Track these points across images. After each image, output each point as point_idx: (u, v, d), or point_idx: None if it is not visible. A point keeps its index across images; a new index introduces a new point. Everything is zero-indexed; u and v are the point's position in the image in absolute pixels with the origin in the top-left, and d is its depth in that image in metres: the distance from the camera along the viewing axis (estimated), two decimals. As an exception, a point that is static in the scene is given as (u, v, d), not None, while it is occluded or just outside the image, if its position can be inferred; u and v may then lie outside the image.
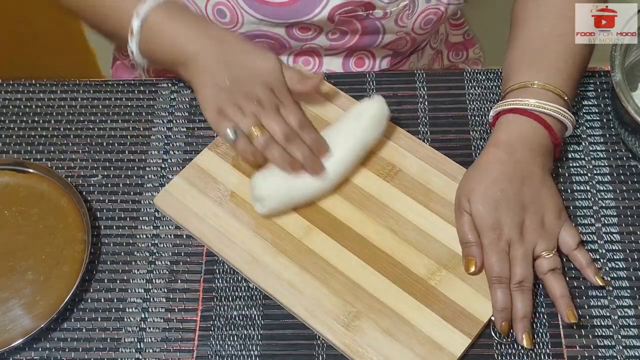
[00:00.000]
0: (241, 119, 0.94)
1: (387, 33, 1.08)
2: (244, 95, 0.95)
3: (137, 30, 0.97)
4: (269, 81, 0.96)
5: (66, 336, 0.90)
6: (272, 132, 0.94)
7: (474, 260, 0.89)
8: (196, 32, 0.97)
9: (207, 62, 0.96)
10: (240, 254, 0.92)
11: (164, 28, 0.97)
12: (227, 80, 0.95)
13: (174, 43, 0.97)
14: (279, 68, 0.97)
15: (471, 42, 1.34)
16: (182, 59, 0.97)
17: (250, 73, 0.96)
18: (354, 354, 0.86)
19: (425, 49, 1.22)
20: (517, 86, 0.95)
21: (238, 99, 0.95)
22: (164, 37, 0.97)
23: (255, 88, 0.95)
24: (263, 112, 0.94)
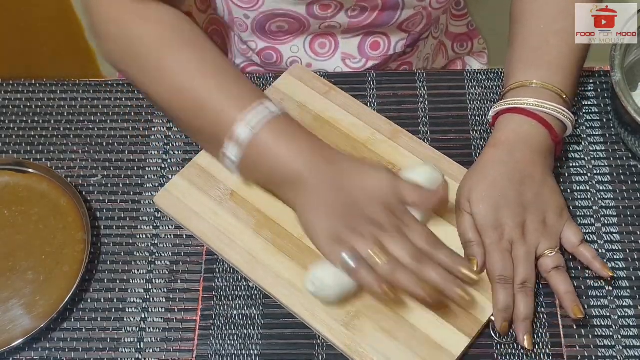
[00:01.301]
0: (360, 242, 0.85)
1: (406, 8, 1.07)
2: (361, 219, 0.87)
3: (244, 140, 0.88)
4: (387, 200, 0.88)
5: (66, 336, 0.90)
6: (397, 255, 0.85)
7: (476, 260, 0.89)
8: (307, 152, 0.89)
9: (319, 187, 0.88)
10: (241, 253, 0.92)
11: (275, 146, 0.88)
12: (341, 205, 0.87)
13: (285, 163, 0.89)
14: (395, 184, 0.88)
15: (475, 33, 1.34)
16: (289, 181, 0.89)
17: (366, 195, 0.88)
18: (354, 353, 0.86)
19: (429, 38, 1.22)
20: (516, 85, 0.95)
21: (355, 224, 0.86)
22: (275, 154, 0.89)
23: (373, 210, 0.87)
24: (384, 234, 0.86)
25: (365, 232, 0.86)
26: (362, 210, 0.87)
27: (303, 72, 1.05)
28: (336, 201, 0.87)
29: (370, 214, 0.87)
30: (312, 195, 0.88)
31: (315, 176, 0.88)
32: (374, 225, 0.86)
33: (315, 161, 0.89)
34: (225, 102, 0.90)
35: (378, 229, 0.86)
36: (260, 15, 1.06)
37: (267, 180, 0.93)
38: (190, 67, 0.93)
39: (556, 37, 0.97)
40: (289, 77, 1.05)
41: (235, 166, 0.91)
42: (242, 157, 0.89)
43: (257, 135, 0.88)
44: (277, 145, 0.88)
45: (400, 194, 0.88)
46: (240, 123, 0.88)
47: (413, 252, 0.85)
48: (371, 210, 0.87)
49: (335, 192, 0.88)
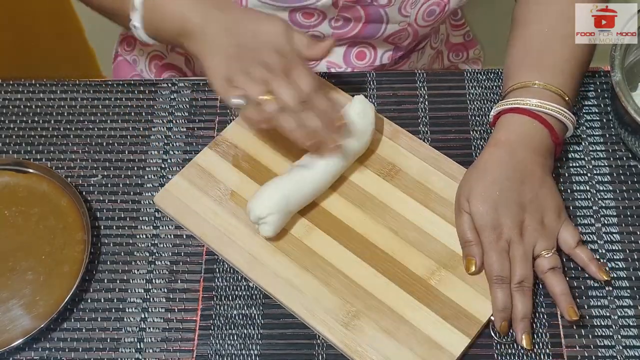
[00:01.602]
0: (250, 86, 0.89)
1: (390, 22, 1.07)
2: (253, 62, 0.91)
3: (139, 5, 0.95)
4: (278, 46, 0.92)
5: (66, 336, 0.90)
6: (283, 97, 0.88)
7: (474, 260, 0.89)
8: (201, 3, 0.94)
9: (213, 32, 0.93)
10: (240, 253, 0.92)
11: (167, 2, 0.94)
12: (233, 47, 0.92)
13: (178, 15, 0.94)
14: (286, 31, 0.92)
15: (472, 43, 1.34)
16: (187, 31, 0.94)
17: (257, 39, 0.92)
18: (354, 353, 0.86)
19: (426, 49, 1.22)
20: (518, 86, 0.95)
21: (246, 66, 0.91)
22: (167, 9, 0.94)
23: (263, 53, 0.91)
24: (273, 77, 0.89)
25: (256, 75, 0.90)
26: (254, 53, 0.91)
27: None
28: (230, 45, 0.92)
29: (262, 57, 0.91)
30: (208, 42, 0.93)
31: (211, 24, 0.93)
32: (265, 67, 0.90)
33: (209, 10, 0.94)
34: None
35: (268, 72, 0.90)
36: None
37: (169, 35, 0.97)
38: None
39: (560, 40, 0.98)
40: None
41: (142, 32, 0.97)
42: (142, 21, 0.96)
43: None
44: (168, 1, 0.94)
45: (291, 40, 0.92)
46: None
47: (297, 97, 0.88)
48: (263, 53, 0.91)
49: (230, 37, 0.93)
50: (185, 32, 0.94)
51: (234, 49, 0.92)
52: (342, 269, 0.90)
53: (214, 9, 0.94)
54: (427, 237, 0.92)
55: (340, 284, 0.90)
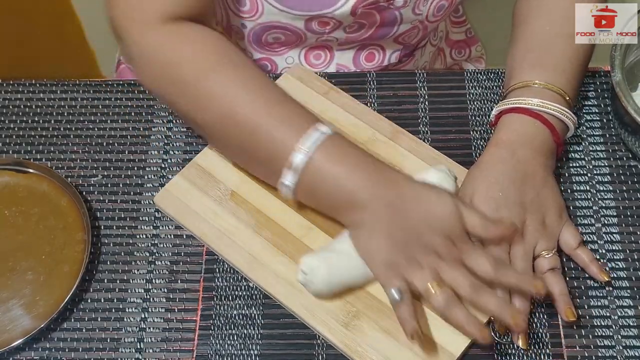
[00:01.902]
0: (417, 272, 0.84)
1: (403, 23, 1.07)
2: (421, 248, 0.84)
3: (300, 166, 0.85)
4: (449, 230, 0.84)
5: (66, 336, 0.90)
6: (455, 285, 0.83)
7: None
8: (369, 176, 0.86)
9: (379, 211, 0.85)
10: (240, 253, 0.92)
11: (331, 171, 0.85)
12: (401, 232, 0.84)
13: (343, 186, 0.86)
14: (457, 213, 0.85)
15: (473, 40, 1.34)
16: (349, 205, 0.86)
17: (427, 222, 0.84)
18: (354, 353, 0.86)
19: (427, 46, 1.22)
20: (519, 85, 0.95)
21: (414, 252, 0.84)
22: (332, 178, 0.86)
23: (433, 238, 0.84)
24: (444, 264, 0.84)
25: (423, 262, 0.84)
26: (422, 238, 0.84)
27: (303, 72, 1.05)
28: (395, 227, 0.85)
29: (430, 242, 0.84)
30: (370, 219, 0.85)
31: (375, 199, 0.85)
32: (433, 254, 0.84)
33: (373, 184, 0.85)
34: (278, 128, 0.87)
35: (437, 258, 0.84)
36: (257, 26, 1.06)
37: (325, 205, 0.90)
38: (237, 91, 0.88)
39: (561, 39, 0.97)
40: (289, 77, 1.05)
41: (291, 192, 0.88)
42: (298, 183, 0.87)
43: (312, 159, 0.85)
44: (334, 168, 0.86)
45: (464, 224, 0.85)
46: (296, 151, 0.85)
47: (472, 281, 0.83)
48: (431, 239, 0.84)
49: (395, 217, 0.85)
50: (346, 204, 0.87)
51: (399, 232, 0.85)
52: (342, 268, 0.90)
53: (381, 184, 0.86)
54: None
55: (341, 284, 0.90)
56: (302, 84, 1.04)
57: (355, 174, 0.85)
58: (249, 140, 0.88)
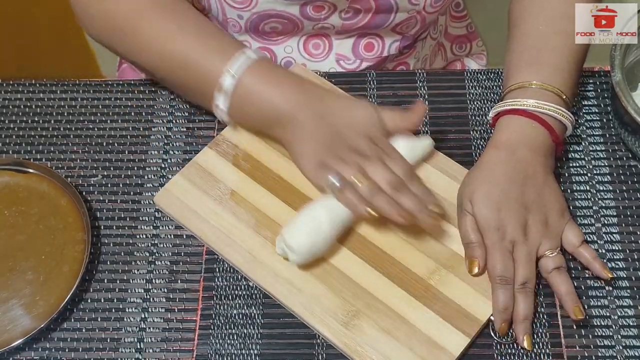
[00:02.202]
0: (344, 168, 0.91)
1: (400, 11, 1.07)
2: (346, 149, 0.92)
3: (228, 88, 0.94)
4: (370, 132, 0.94)
5: (66, 336, 0.90)
6: (377, 180, 0.90)
7: (477, 261, 0.89)
8: (292, 90, 0.94)
9: (306, 121, 0.93)
10: (240, 252, 0.92)
11: (259, 87, 0.94)
12: (327, 136, 0.93)
13: (270, 102, 0.94)
14: (377, 116, 0.94)
15: (474, 35, 1.34)
16: (277, 119, 0.94)
17: (350, 126, 0.94)
18: (353, 352, 0.86)
19: (427, 39, 1.22)
20: (516, 86, 0.95)
21: (339, 153, 0.92)
22: (259, 98, 0.94)
23: (356, 140, 0.93)
24: (367, 161, 0.91)
25: (348, 159, 0.91)
26: (346, 140, 0.92)
27: (303, 72, 1.05)
28: (322, 133, 0.93)
29: (354, 144, 0.92)
30: (299, 129, 0.93)
31: (301, 111, 0.93)
32: (357, 154, 0.91)
33: (299, 97, 0.94)
34: (207, 56, 0.95)
35: (361, 157, 0.91)
36: (253, 16, 1.06)
37: (257, 122, 0.97)
38: (170, 30, 0.97)
39: (556, 38, 0.97)
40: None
41: (225, 114, 0.96)
42: (230, 105, 0.95)
43: (240, 81, 0.93)
44: (261, 87, 0.94)
45: (382, 124, 0.94)
46: (224, 74, 0.93)
47: (392, 179, 0.90)
48: (355, 141, 0.92)
49: (321, 125, 0.93)
50: (276, 121, 0.95)
51: (326, 136, 0.93)
52: (342, 268, 0.90)
53: (306, 96, 0.94)
54: (427, 237, 0.92)
55: (340, 283, 0.90)
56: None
57: (282, 90, 0.94)
58: (184, 71, 0.97)
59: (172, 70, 0.98)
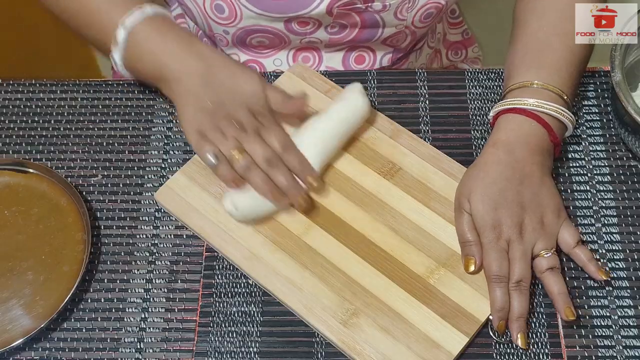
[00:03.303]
0: (222, 142, 0.93)
1: (387, 27, 1.07)
2: (226, 118, 0.94)
3: (122, 42, 0.96)
4: (252, 104, 0.95)
5: (66, 336, 0.91)
6: (253, 155, 0.92)
7: (474, 260, 0.89)
8: (182, 50, 0.96)
9: (191, 83, 0.95)
10: (240, 250, 0.92)
11: (150, 43, 0.96)
12: (209, 103, 0.94)
13: (159, 60, 0.96)
14: (261, 90, 0.96)
15: (470, 41, 1.34)
16: (165, 77, 0.96)
17: (233, 96, 0.95)
18: (352, 350, 0.86)
19: (423, 48, 1.22)
20: (516, 86, 0.95)
21: (220, 122, 0.94)
22: (149, 52, 0.96)
23: (237, 111, 0.95)
24: (245, 135, 0.93)
25: (228, 132, 0.93)
26: (228, 109, 0.94)
27: (304, 70, 1.05)
28: (205, 98, 0.94)
29: (235, 114, 0.94)
30: (185, 93, 0.95)
31: (187, 72, 0.95)
32: (237, 125, 0.94)
33: (186, 56, 0.95)
34: (108, 8, 0.97)
35: (240, 129, 0.93)
36: (239, 31, 1.06)
37: (148, 77, 0.99)
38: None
39: (558, 39, 0.97)
40: (291, 75, 1.05)
41: (121, 67, 0.98)
42: (123, 58, 0.97)
43: (132, 34, 0.95)
44: (151, 43, 0.95)
45: (266, 98, 0.96)
46: (119, 27, 0.95)
47: (267, 154, 0.92)
48: (236, 110, 0.94)
49: (205, 89, 0.94)
50: (162, 78, 0.96)
51: (209, 102, 0.94)
52: (341, 267, 0.91)
53: (194, 57, 0.96)
54: (426, 236, 0.92)
55: (339, 282, 0.90)
56: (304, 82, 1.04)
57: (170, 47, 0.95)
58: (88, 23, 1.00)
59: (79, 21, 1.01)
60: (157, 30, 0.96)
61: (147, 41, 0.95)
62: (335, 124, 0.96)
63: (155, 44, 0.95)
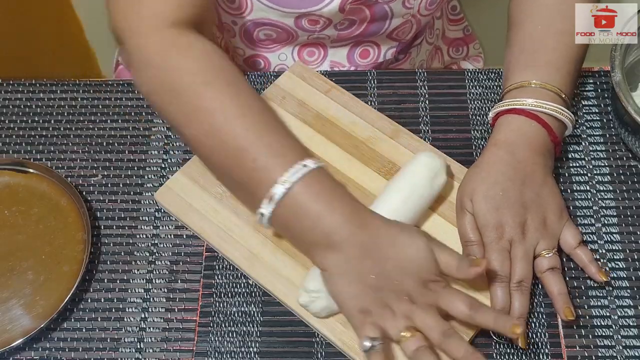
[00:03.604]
0: (390, 320, 0.83)
1: (395, 17, 1.07)
2: (393, 293, 0.84)
3: (278, 199, 0.83)
4: (422, 274, 0.84)
5: (66, 336, 0.91)
6: (427, 332, 0.82)
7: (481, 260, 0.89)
8: (343, 217, 0.84)
9: (353, 254, 0.83)
10: (240, 250, 0.92)
11: (309, 206, 0.83)
12: (374, 276, 0.83)
13: (318, 225, 0.84)
14: (432, 257, 0.84)
15: (471, 37, 1.34)
16: (320, 243, 0.84)
17: (400, 267, 0.84)
18: (351, 350, 0.86)
19: (423, 44, 1.22)
20: (515, 86, 0.95)
21: (387, 298, 0.83)
22: (307, 216, 0.84)
23: (406, 284, 0.84)
24: (416, 310, 0.83)
25: (395, 308, 0.83)
26: (394, 284, 0.84)
27: (304, 70, 1.05)
28: (368, 272, 0.83)
29: (403, 288, 0.84)
30: (343, 260, 0.84)
31: (348, 241, 0.83)
32: (406, 300, 0.83)
33: (348, 225, 0.84)
34: (266, 159, 0.84)
35: (409, 303, 0.83)
36: (248, 22, 1.06)
37: (299, 238, 0.87)
38: (229, 109, 0.86)
39: (554, 38, 0.97)
40: (291, 75, 1.05)
41: (267, 221, 0.86)
42: (273, 213, 0.84)
43: (292, 192, 0.83)
44: (311, 205, 0.84)
45: (437, 267, 0.85)
46: (278, 183, 0.83)
47: (442, 328, 0.82)
48: (404, 284, 0.84)
49: (367, 261, 0.83)
50: (319, 243, 0.85)
51: (372, 277, 0.83)
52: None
53: (358, 226, 0.84)
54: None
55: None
56: (304, 82, 1.04)
57: (332, 214, 0.84)
58: (233, 162, 0.86)
59: (222, 156, 0.87)
60: (318, 191, 0.84)
61: (308, 202, 0.84)
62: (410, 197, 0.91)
63: (317, 208, 0.84)
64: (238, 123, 0.86)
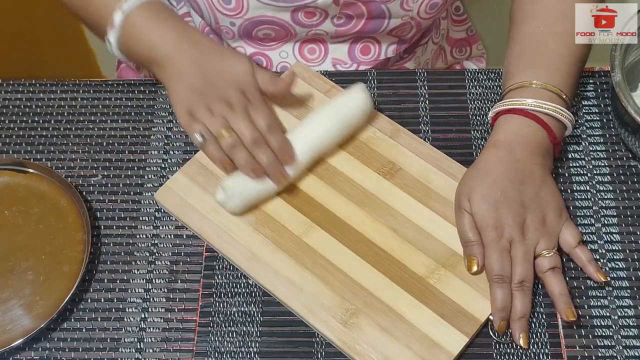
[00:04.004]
0: (210, 120, 0.95)
1: (393, 17, 1.07)
2: (215, 98, 0.96)
3: (118, 25, 0.98)
4: (241, 83, 0.97)
5: (66, 336, 0.91)
6: (239, 134, 0.94)
7: (476, 260, 0.89)
8: (174, 34, 0.98)
9: (182, 65, 0.97)
10: (240, 250, 0.92)
11: (144, 27, 0.98)
12: (200, 83, 0.97)
13: (152, 43, 0.98)
14: (251, 70, 0.98)
15: (474, 38, 1.34)
16: (158, 60, 0.98)
17: (223, 76, 0.97)
18: (352, 350, 0.86)
19: (429, 44, 1.22)
20: (515, 86, 0.95)
21: (209, 101, 0.96)
22: (143, 35, 0.98)
23: (226, 90, 0.97)
24: (232, 114, 0.95)
25: (216, 110, 0.96)
26: (218, 89, 0.97)
27: (304, 70, 1.06)
28: (196, 79, 0.97)
29: (225, 94, 0.97)
30: (175, 72, 0.98)
31: (180, 55, 0.98)
32: (225, 104, 0.96)
33: (180, 42, 0.98)
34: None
35: (228, 108, 0.96)
36: (245, 22, 1.06)
37: (141, 59, 1.01)
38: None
39: (555, 38, 0.97)
40: (290, 75, 1.05)
41: (115, 49, 1.01)
42: (118, 39, 0.99)
43: (129, 17, 0.98)
44: (145, 26, 0.98)
45: (255, 78, 0.99)
46: (117, 10, 0.98)
47: (253, 133, 0.94)
48: (225, 89, 0.97)
49: (195, 71, 0.97)
50: (156, 60, 0.99)
51: (199, 83, 0.97)
52: (341, 267, 0.91)
53: (186, 42, 0.98)
54: (426, 236, 0.92)
55: (340, 282, 0.90)
56: (304, 82, 1.04)
57: (163, 31, 0.98)
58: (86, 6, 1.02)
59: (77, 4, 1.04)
60: (152, 15, 0.98)
61: (142, 25, 0.98)
62: (333, 117, 0.97)
63: (150, 29, 0.98)
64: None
